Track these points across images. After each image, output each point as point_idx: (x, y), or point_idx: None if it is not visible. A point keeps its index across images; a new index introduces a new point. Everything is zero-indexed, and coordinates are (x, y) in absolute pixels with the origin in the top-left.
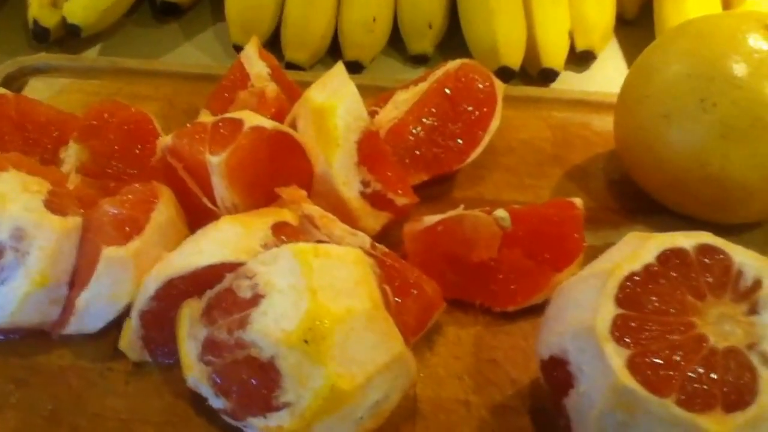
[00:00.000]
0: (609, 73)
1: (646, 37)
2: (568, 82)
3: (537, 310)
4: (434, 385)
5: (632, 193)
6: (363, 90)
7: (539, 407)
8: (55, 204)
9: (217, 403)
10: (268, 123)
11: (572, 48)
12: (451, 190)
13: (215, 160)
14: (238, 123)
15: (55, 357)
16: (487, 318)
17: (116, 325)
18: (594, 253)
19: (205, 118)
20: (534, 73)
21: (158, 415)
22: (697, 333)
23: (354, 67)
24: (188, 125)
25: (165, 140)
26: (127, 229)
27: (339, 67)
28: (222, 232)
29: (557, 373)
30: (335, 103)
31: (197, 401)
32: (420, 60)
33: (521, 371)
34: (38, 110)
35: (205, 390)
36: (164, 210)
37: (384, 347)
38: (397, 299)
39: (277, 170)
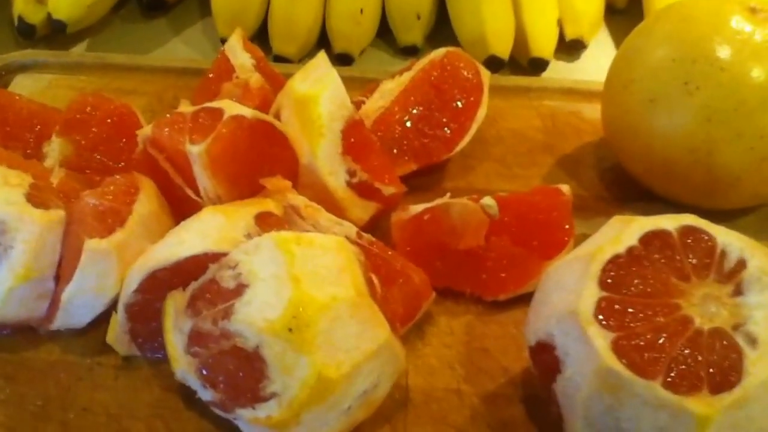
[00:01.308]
0: (599, 62)
1: (636, 25)
2: (559, 72)
3: (528, 299)
4: (426, 374)
5: (623, 181)
6: (352, 82)
7: (531, 395)
8: (36, 197)
9: (205, 395)
10: (248, 112)
11: (562, 37)
12: (441, 181)
13: (195, 150)
14: (217, 112)
15: (44, 352)
16: (478, 307)
17: (105, 320)
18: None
19: (185, 108)
20: (524, 62)
21: (148, 409)
22: (682, 314)
23: (343, 60)
24: (168, 115)
25: (145, 131)
26: (109, 221)
27: (321, 56)
28: (204, 222)
29: (545, 359)
30: (318, 91)
31: (187, 395)
32: (409, 51)
33: (513, 360)
34: (19, 104)
35: (194, 382)
36: (146, 202)
37: (370, 335)
38: (383, 288)
39: (261, 160)
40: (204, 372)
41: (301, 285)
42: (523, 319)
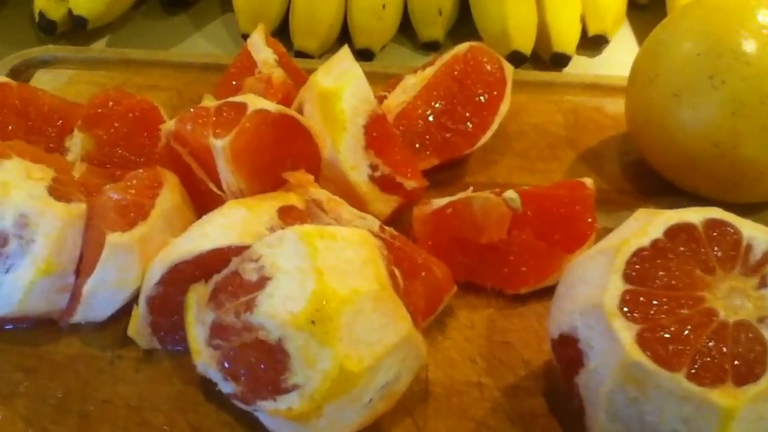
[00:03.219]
0: (621, 58)
1: (659, 20)
2: (581, 67)
3: (550, 293)
4: (447, 367)
5: (646, 175)
6: (373, 77)
7: (552, 388)
8: (59, 191)
9: (226, 387)
10: (271, 106)
11: (584, 33)
12: (462, 175)
13: (219, 144)
14: (241, 106)
15: (64, 345)
16: (499, 301)
17: (125, 313)
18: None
19: (208, 102)
20: (546, 57)
21: (168, 401)
22: (707, 307)
23: (364, 55)
24: (191, 109)
25: (169, 125)
26: (131, 215)
27: (345, 51)
28: (227, 216)
29: (568, 352)
30: (341, 86)
31: (207, 387)
32: (431, 47)
33: (534, 353)
34: (42, 99)
35: (215, 375)
36: (169, 196)
37: (392, 328)
38: (405, 281)
39: (284, 155)
40: (225, 364)
41: (324, 278)
42: (544, 313)
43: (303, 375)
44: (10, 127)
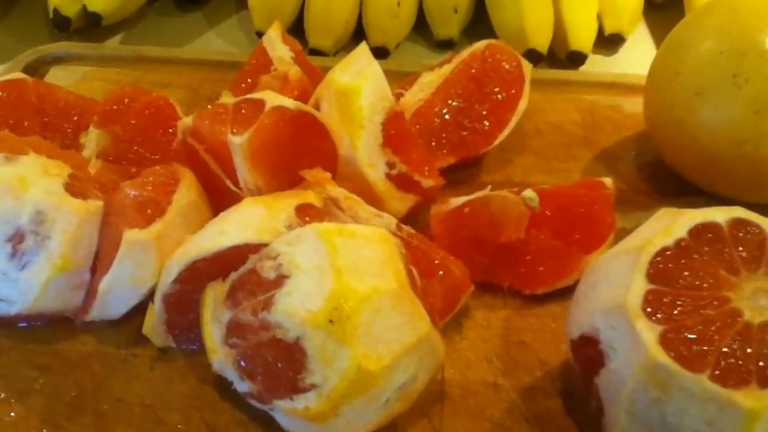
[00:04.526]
0: (638, 57)
1: (676, 19)
2: (596, 66)
3: (567, 293)
4: (462, 368)
5: (663, 174)
6: (388, 76)
7: (569, 389)
8: (75, 187)
9: (242, 386)
10: (290, 103)
11: (601, 31)
12: (478, 174)
13: (237, 141)
14: (259, 103)
15: (79, 343)
16: (516, 301)
17: (140, 311)
18: (625, 235)
19: (226, 99)
20: (562, 56)
21: (183, 400)
22: (732, 307)
23: (379, 53)
24: (209, 106)
25: (186, 121)
26: (148, 211)
27: (363, 48)
28: (245, 213)
29: (588, 352)
30: (360, 83)
31: (222, 386)
32: (446, 45)
33: (551, 353)
34: (58, 95)
35: (231, 373)
36: (186, 192)
37: (410, 327)
38: (423, 280)
39: (301, 152)
40: (242, 363)
41: (343, 276)
42: (561, 313)
43: (321, 374)
44: (26, 123)
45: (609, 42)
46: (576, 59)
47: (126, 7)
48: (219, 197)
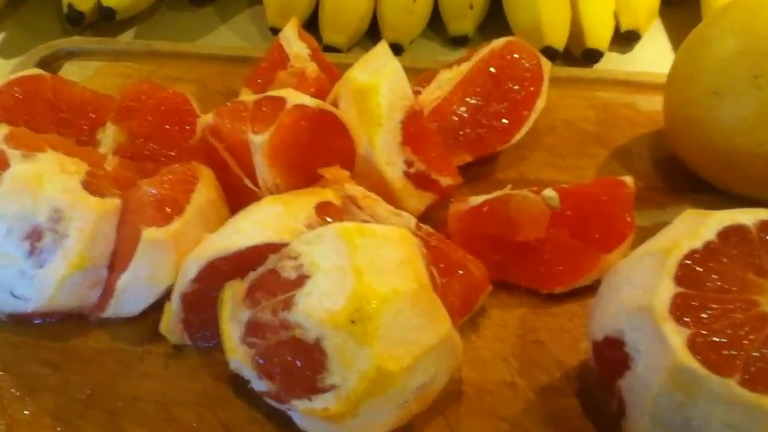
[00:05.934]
0: (653, 54)
1: (691, 17)
2: (612, 63)
3: (583, 292)
4: (479, 367)
5: (679, 172)
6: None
7: (586, 389)
8: (93, 185)
9: (260, 385)
10: (310, 101)
11: (616, 28)
12: (492, 171)
13: (258, 140)
14: (280, 101)
15: (92, 340)
16: (532, 300)
17: (154, 308)
18: (641, 233)
19: (246, 96)
20: (578, 53)
21: (197, 398)
22: (760, 311)
23: (393, 50)
24: (229, 104)
25: (206, 119)
26: (167, 210)
27: (383, 46)
28: (264, 212)
29: (612, 354)
30: (378, 81)
31: (237, 384)
32: (460, 41)
33: (568, 353)
34: (74, 91)
35: (248, 373)
36: (205, 191)
37: (431, 328)
38: (442, 279)
39: (320, 150)
40: (260, 362)
41: (363, 277)
42: (578, 312)
43: (340, 375)
44: (42, 120)
45: (624, 39)
46: (592, 57)
47: (139, 2)
48: (237, 196)
